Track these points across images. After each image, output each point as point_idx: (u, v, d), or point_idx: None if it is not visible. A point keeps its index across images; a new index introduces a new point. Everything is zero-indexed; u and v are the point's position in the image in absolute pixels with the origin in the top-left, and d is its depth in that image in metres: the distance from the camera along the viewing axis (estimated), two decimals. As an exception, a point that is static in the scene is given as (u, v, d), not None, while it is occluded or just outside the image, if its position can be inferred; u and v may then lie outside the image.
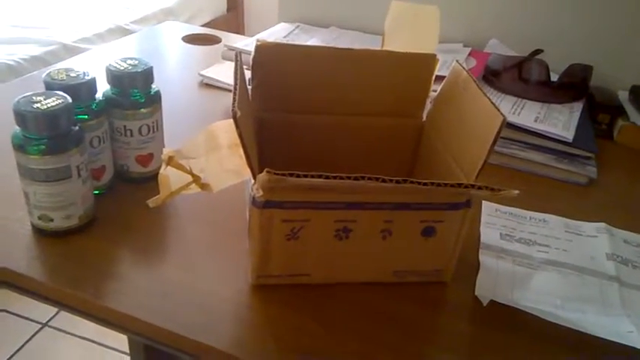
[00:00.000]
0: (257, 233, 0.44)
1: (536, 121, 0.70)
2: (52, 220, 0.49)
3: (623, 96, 0.83)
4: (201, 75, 0.84)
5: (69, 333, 1.42)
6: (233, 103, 0.39)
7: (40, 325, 1.43)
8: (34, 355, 1.36)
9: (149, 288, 0.47)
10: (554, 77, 0.80)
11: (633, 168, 0.74)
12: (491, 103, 0.44)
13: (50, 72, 0.52)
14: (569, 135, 0.68)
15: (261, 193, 0.41)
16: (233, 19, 2.42)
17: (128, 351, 1.02)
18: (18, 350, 1.36)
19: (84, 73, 0.52)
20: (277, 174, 0.38)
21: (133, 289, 0.46)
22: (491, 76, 0.81)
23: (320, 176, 0.38)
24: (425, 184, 0.40)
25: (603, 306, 0.48)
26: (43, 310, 1.46)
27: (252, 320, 0.45)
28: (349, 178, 0.38)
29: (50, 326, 1.43)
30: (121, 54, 0.55)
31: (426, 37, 0.54)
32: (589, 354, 0.44)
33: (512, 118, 0.70)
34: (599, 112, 0.78)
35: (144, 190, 0.49)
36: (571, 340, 0.45)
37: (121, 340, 1.33)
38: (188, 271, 0.48)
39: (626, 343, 0.43)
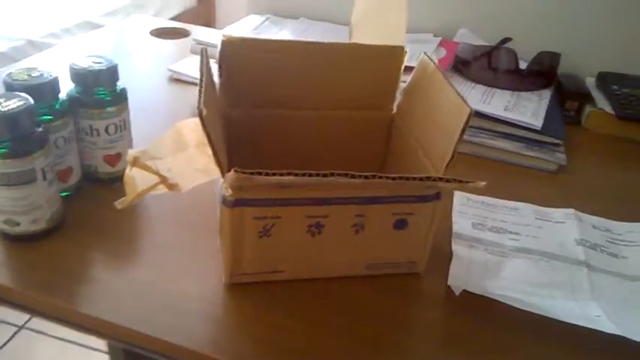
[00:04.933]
0: (228, 232, 0.43)
1: (505, 109, 0.71)
2: (18, 224, 0.48)
3: (591, 82, 0.84)
4: (170, 70, 0.82)
5: (47, 334, 1.40)
6: (199, 101, 0.38)
7: (16, 328, 1.41)
8: (12, 358, 1.34)
9: (122, 291, 0.46)
10: (523, 65, 0.81)
11: (601, 153, 0.75)
12: (458, 94, 0.44)
13: (11, 72, 0.50)
14: (537, 123, 0.69)
15: (230, 192, 0.40)
16: (204, 11, 2.38)
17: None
18: (-6, 354, 1.34)
19: (46, 72, 0.51)
20: (245, 173, 0.37)
21: (106, 293, 0.46)
22: (461, 65, 0.81)
23: (289, 174, 0.38)
24: (393, 178, 0.40)
25: (572, 291, 0.49)
26: (19, 313, 1.43)
27: (228, 320, 0.45)
28: (318, 175, 0.38)
29: (27, 328, 1.41)
30: (88, 49, 0.54)
31: (394, 27, 0.54)
32: (558, 339, 0.45)
33: (483, 107, 0.70)
34: (568, 98, 0.80)
35: (113, 191, 0.48)
36: (543, 326, 0.46)
37: (100, 340, 1.32)
38: (161, 273, 0.48)
39: (594, 328, 0.44)
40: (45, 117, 0.50)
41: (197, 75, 0.75)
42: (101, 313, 0.44)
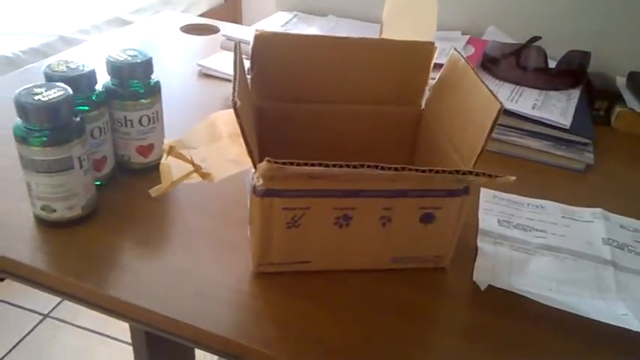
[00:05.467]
0: (258, 221, 0.44)
1: (534, 108, 0.71)
2: (54, 210, 0.50)
3: (621, 82, 0.83)
4: (200, 65, 0.84)
5: (70, 324, 1.43)
6: (233, 93, 0.39)
7: (41, 317, 1.44)
8: (36, 346, 1.37)
9: (151, 277, 0.47)
10: (552, 64, 0.80)
11: (630, 154, 0.74)
12: (489, 90, 0.44)
13: (50, 64, 0.52)
14: (566, 122, 0.69)
15: (261, 181, 0.41)
16: (231, 8, 2.41)
17: (130, 340, 1.03)
18: (20, 341, 1.37)
19: (83, 64, 0.53)
20: (277, 163, 0.38)
21: (136, 278, 0.47)
22: (490, 63, 0.81)
23: (319, 164, 0.38)
24: (423, 171, 0.40)
25: (599, 290, 0.49)
26: (45, 302, 1.47)
27: (254, 307, 0.46)
28: (348, 166, 0.39)
29: (52, 317, 1.44)
30: (119, 45, 0.56)
31: (424, 24, 0.54)
32: (584, 336, 0.45)
33: (511, 106, 0.70)
34: (597, 98, 0.79)
35: (145, 181, 0.50)
36: (567, 322, 0.46)
37: (123, 330, 1.34)
38: (190, 260, 0.49)
39: (621, 326, 0.44)
40: (82, 107, 0.51)
41: (226, 70, 0.76)
42: (131, 297, 0.45)
